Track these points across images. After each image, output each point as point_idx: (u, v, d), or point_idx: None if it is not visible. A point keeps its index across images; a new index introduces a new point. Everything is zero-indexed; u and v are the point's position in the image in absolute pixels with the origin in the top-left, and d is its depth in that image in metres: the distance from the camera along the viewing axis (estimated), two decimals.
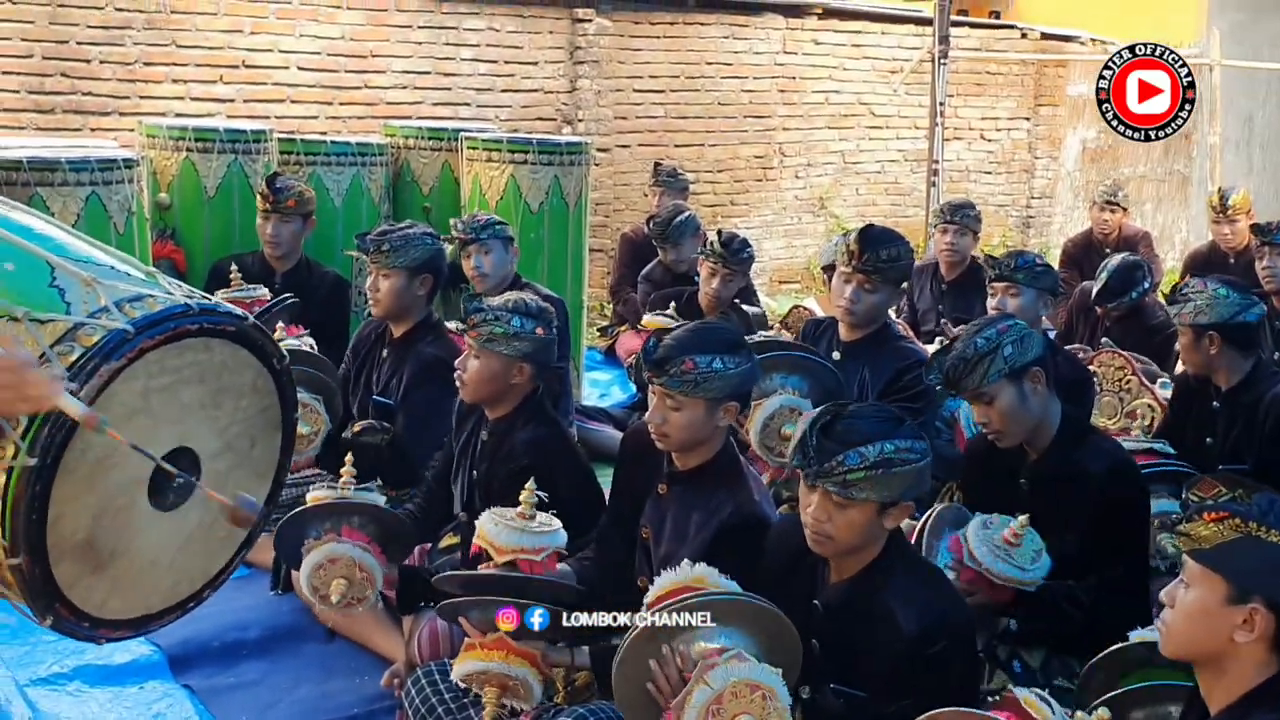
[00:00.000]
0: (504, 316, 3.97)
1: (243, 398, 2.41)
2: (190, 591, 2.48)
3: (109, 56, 7.65)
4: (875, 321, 4.58)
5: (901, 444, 2.89)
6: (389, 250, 4.78)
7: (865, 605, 2.95)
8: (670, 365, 3.33)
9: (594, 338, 8.31)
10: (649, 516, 3.58)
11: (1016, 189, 13.03)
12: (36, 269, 2.25)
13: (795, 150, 11.40)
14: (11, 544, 2.10)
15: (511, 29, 9.38)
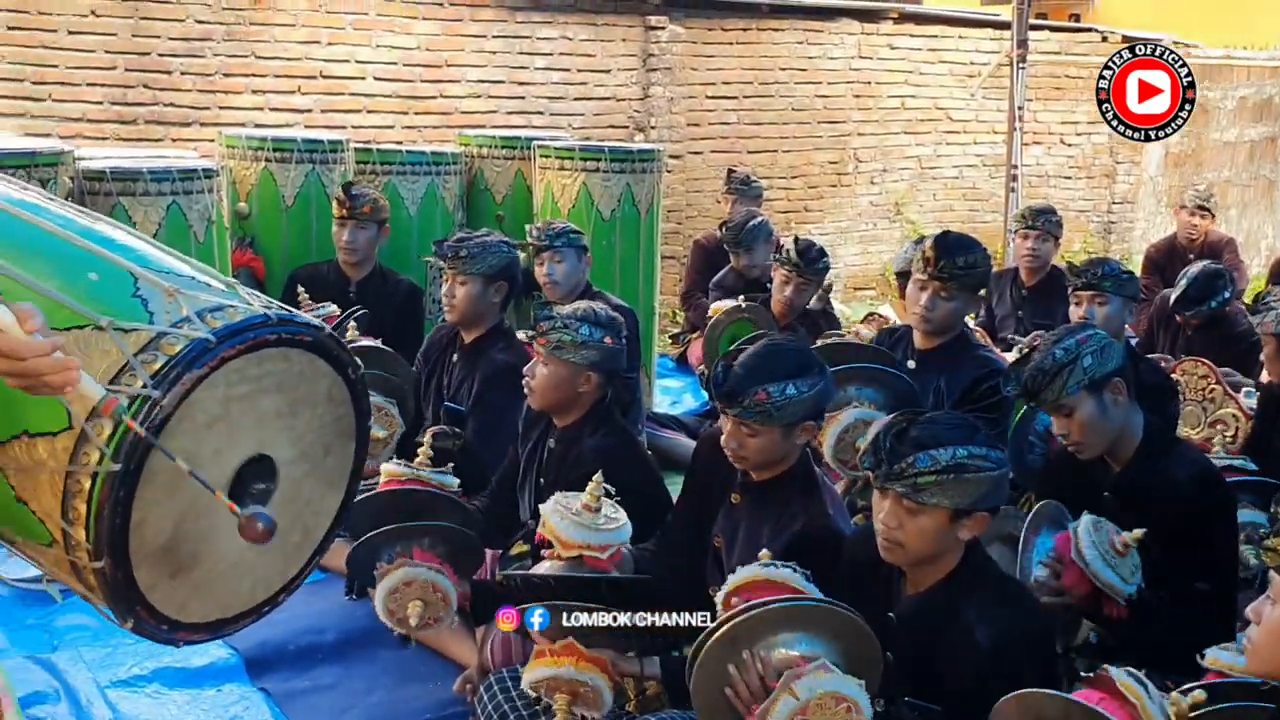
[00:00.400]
0: (572, 324, 4.01)
1: (318, 406, 2.43)
2: (266, 596, 2.50)
3: (190, 68, 7.76)
4: (951, 330, 4.51)
5: (975, 450, 2.85)
6: (466, 256, 4.82)
7: (941, 619, 2.91)
8: (742, 397, 3.30)
9: (665, 345, 8.31)
10: (721, 526, 3.56)
11: (1098, 194, 12.86)
12: (120, 279, 2.28)
13: (870, 156, 11.34)
14: (95, 547, 2.12)
15: (585, 37, 9.42)
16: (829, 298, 7.39)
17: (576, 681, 3.16)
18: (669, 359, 8.12)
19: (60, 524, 2.13)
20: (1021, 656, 2.83)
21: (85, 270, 2.28)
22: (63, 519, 2.13)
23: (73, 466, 2.10)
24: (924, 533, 2.88)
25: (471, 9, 8.81)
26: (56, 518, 2.13)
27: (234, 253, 6.00)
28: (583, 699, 3.18)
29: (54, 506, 2.13)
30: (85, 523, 2.10)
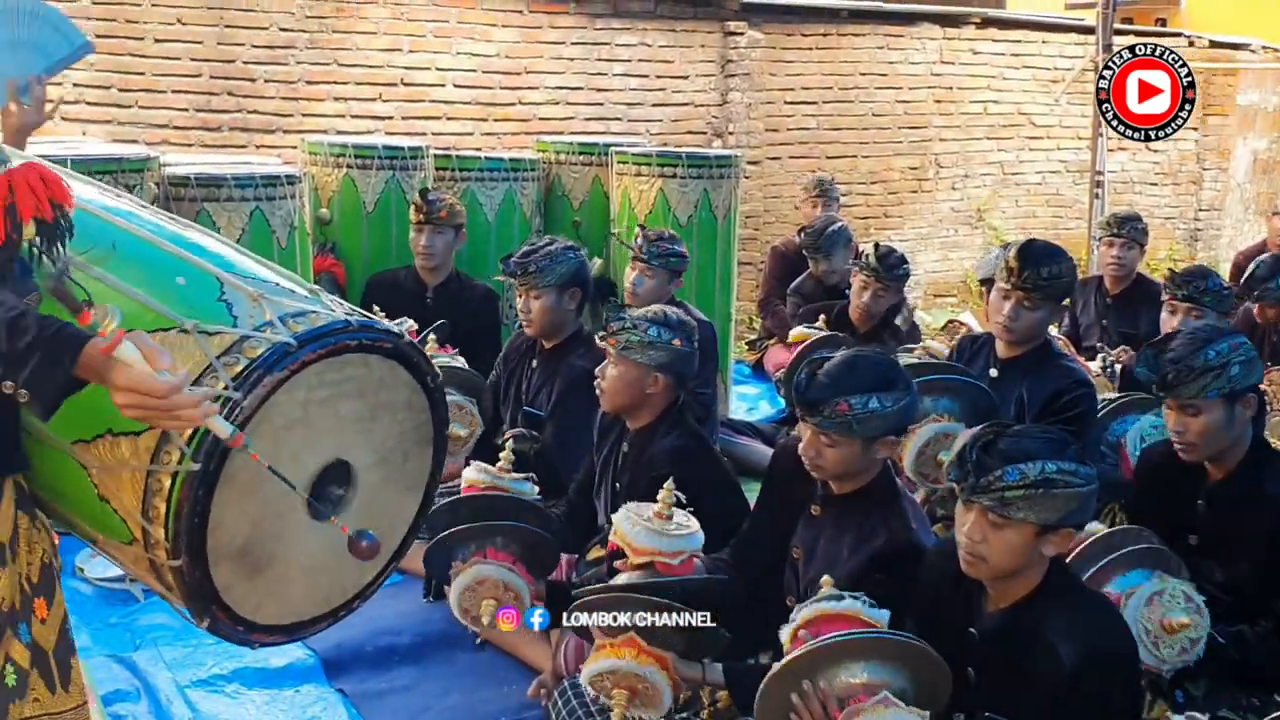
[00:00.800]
0: (642, 325, 4.04)
1: (397, 413, 2.46)
2: (342, 600, 2.54)
3: (273, 75, 7.86)
4: (1035, 339, 4.44)
5: (1065, 465, 2.79)
6: (536, 271, 4.82)
7: (1024, 635, 2.85)
8: (824, 406, 3.27)
9: (742, 351, 8.29)
10: (800, 537, 3.54)
11: (1184, 201, 12.67)
12: (206, 284, 2.33)
13: (952, 161, 11.25)
14: (173, 546, 2.17)
15: (663, 43, 9.42)
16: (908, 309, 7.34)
17: (636, 676, 3.13)
18: (745, 365, 8.10)
19: (140, 522, 2.19)
20: (1106, 676, 2.78)
21: (173, 275, 2.34)
22: (143, 517, 2.18)
23: (154, 465, 2.15)
24: (1009, 547, 2.82)
25: (550, 16, 8.85)
26: (137, 516, 2.19)
27: (315, 258, 6.06)
28: (641, 696, 3.15)
29: (134, 505, 2.19)
30: (164, 521, 2.16)
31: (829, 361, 3.37)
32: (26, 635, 2.29)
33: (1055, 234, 11.47)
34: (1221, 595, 3.50)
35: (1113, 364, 5.87)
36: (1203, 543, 3.62)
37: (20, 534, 2.28)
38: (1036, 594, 2.88)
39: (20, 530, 2.28)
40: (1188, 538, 3.64)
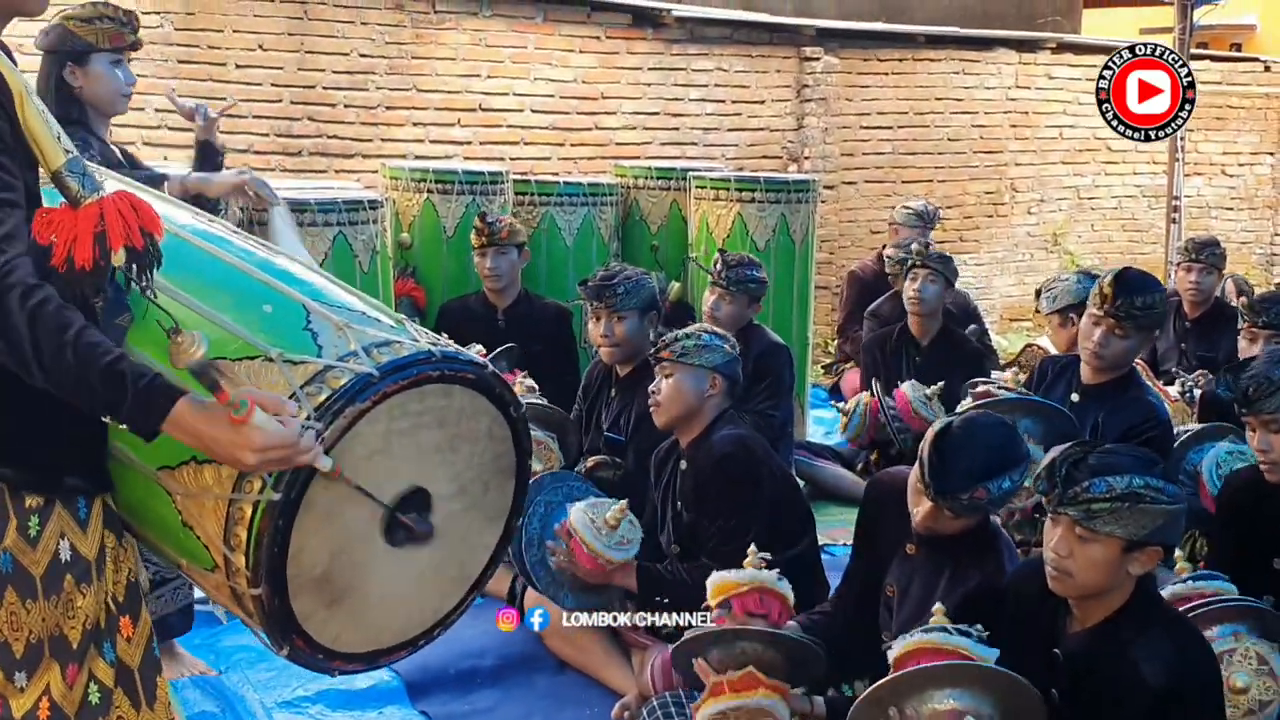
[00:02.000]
0: (694, 334, 4.17)
1: (479, 443, 2.46)
2: (421, 629, 2.52)
3: (353, 101, 7.96)
4: (1121, 368, 4.41)
5: (1153, 482, 2.78)
6: (623, 294, 4.85)
7: (1109, 656, 2.84)
8: (961, 493, 3.23)
9: (819, 375, 8.26)
10: (895, 575, 3.53)
11: (1260, 226, 12.50)
12: (293, 312, 2.34)
13: (1027, 186, 11.18)
14: (254, 575, 2.17)
15: (739, 69, 9.45)
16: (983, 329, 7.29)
17: (760, 711, 3.15)
18: (822, 389, 8.08)
19: (222, 550, 2.20)
20: (1192, 700, 2.77)
21: (261, 303, 2.35)
22: (224, 545, 2.19)
23: (235, 494, 2.16)
24: (1094, 563, 2.80)
25: (627, 41, 8.91)
26: (219, 543, 2.20)
27: (396, 282, 6.11)
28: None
29: (217, 532, 2.20)
30: (245, 549, 2.16)
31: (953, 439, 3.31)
32: (111, 653, 2.30)
33: (1131, 259, 11.35)
34: None
35: (1191, 389, 5.81)
36: None
37: (107, 552, 2.29)
38: (1122, 614, 2.87)
39: (107, 549, 2.29)
40: (1273, 562, 3.61)
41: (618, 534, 3.89)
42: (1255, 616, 3.37)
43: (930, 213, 8.21)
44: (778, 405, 5.49)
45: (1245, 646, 3.25)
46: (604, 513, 3.93)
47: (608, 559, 3.87)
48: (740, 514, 3.99)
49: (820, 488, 5.96)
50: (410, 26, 8.08)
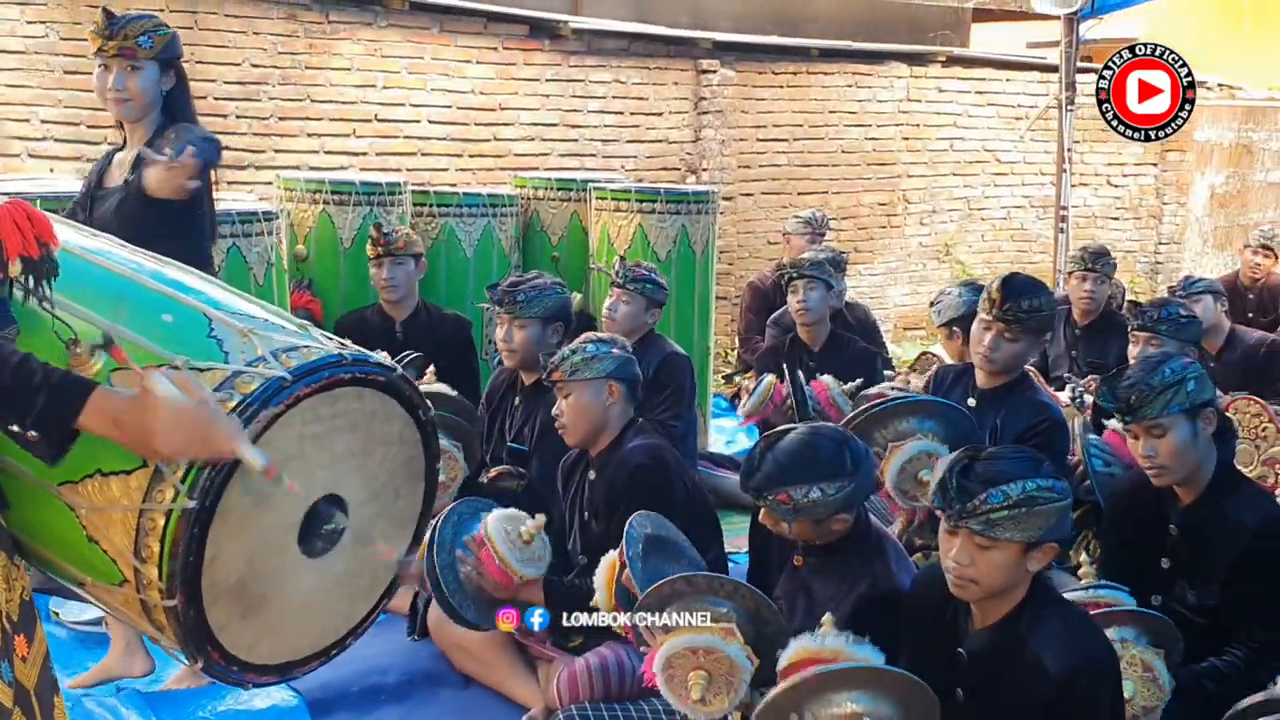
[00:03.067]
0: (578, 349, 4.17)
1: (390, 447, 2.44)
2: (335, 638, 2.51)
3: (245, 111, 7.83)
4: (1013, 370, 4.51)
5: (1043, 483, 2.86)
6: (524, 301, 4.84)
7: (1011, 651, 2.91)
8: (767, 493, 3.32)
9: (719, 385, 8.29)
10: (784, 588, 3.56)
11: (1144, 235, 12.80)
12: (194, 320, 2.31)
13: (920, 197, 11.34)
14: (168, 586, 2.14)
15: (637, 81, 9.47)
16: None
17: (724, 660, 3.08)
18: (723, 399, 8.11)
19: (132, 562, 2.15)
20: (1092, 685, 2.84)
21: (159, 312, 2.32)
22: (135, 557, 2.14)
23: (147, 504, 2.12)
24: (996, 567, 2.88)
25: (525, 53, 8.88)
26: (129, 556, 2.15)
27: (292, 295, 6.02)
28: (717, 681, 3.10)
29: (126, 545, 2.15)
30: (158, 561, 2.12)
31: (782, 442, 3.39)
32: (9, 674, 2.24)
33: (1021, 268, 11.53)
34: (1195, 618, 3.56)
35: (1082, 394, 5.92)
36: (1175, 567, 3.68)
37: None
38: (1021, 609, 2.94)
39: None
40: (1161, 562, 3.70)
41: (531, 549, 3.85)
42: (1146, 623, 3.43)
43: (819, 220, 8.34)
44: (678, 415, 5.50)
45: (1131, 654, 3.31)
46: (520, 526, 3.88)
47: (518, 572, 3.82)
48: None
49: (722, 497, 5.95)
50: (304, 37, 7.97)
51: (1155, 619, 3.46)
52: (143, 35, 4.10)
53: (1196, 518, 3.63)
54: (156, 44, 4.12)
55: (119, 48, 4.09)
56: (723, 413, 7.87)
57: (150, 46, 4.10)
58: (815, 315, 6.38)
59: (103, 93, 4.19)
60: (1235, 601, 3.52)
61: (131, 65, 4.12)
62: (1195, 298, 6.31)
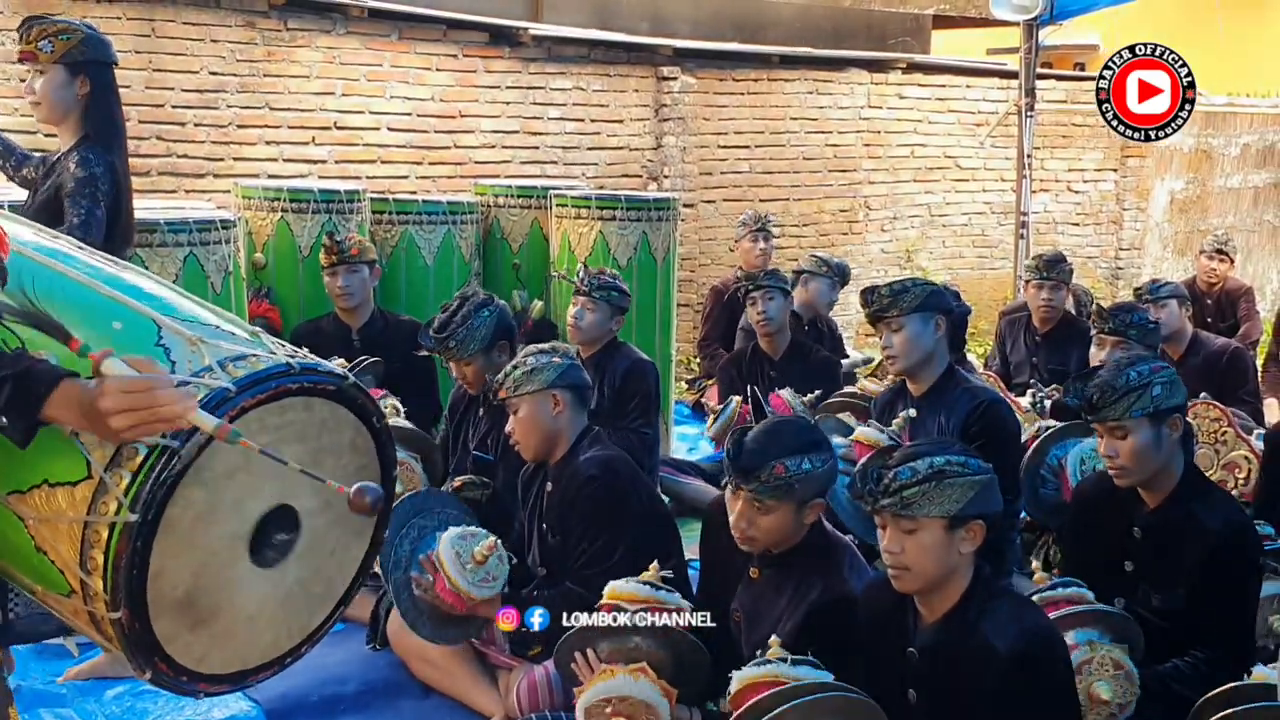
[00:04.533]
0: (519, 364, 4.16)
1: (342, 456, 2.41)
2: (289, 647, 2.47)
3: (203, 119, 7.78)
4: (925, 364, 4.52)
5: (954, 458, 2.92)
6: (457, 345, 4.81)
7: (959, 640, 2.94)
8: (760, 471, 3.32)
9: (682, 392, 8.30)
10: (740, 600, 3.58)
11: (1105, 240, 12.88)
12: (143, 328, 2.28)
13: (881, 204, 11.38)
14: (113, 598, 2.11)
15: (597, 88, 9.47)
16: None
17: (643, 706, 3.16)
18: (685, 405, 8.11)
19: (78, 574, 2.12)
20: (1040, 657, 2.89)
21: (110, 319, 2.28)
22: (81, 569, 2.12)
23: (91, 517, 2.09)
24: (925, 550, 2.91)
25: (485, 60, 8.87)
26: (75, 568, 2.13)
27: (251, 303, 5.98)
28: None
29: (72, 556, 2.12)
30: (103, 573, 2.10)
31: (753, 430, 3.45)
32: None
33: (982, 274, 11.66)
34: (1158, 621, 3.57)
35: (1043, 399, 5.96)
36: (1138, 570, 3.69)
37: None
38: (965, 599, 2.97)
39: None
40: (1124, 564, 3.71)
41: (484, 569, 3.82)
42: (1108, 621, 3.45)
43: (752, 218, 8.45)
44: (650, 422, 5.50)
45: (1101, 654, 3.33)
46: (473, 546, 3.85)
47: (469, 595, 3.80)
48: (606, 537, 3.99)
49: (685, 504, 5.96)
50: (262, 44, 7.93)
51: (1117, 616, 3.48)
52: (44, 40, 4.10)
53: (1160, 521, 3.65)
54: (57, 49, 4.10)
55: (20, 52, 4.13)
56: (685, 419, 7.88)
57: (50, 51, 4.10)
58: (775, 325, 6.51)
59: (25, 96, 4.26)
60: (1198, 605, 3.52)
61: (38, 69, 4.13)
62: (1161, 302, 6.37)
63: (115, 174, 4.21)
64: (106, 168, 4.15)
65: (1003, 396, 4.95)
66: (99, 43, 4.24)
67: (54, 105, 4.17)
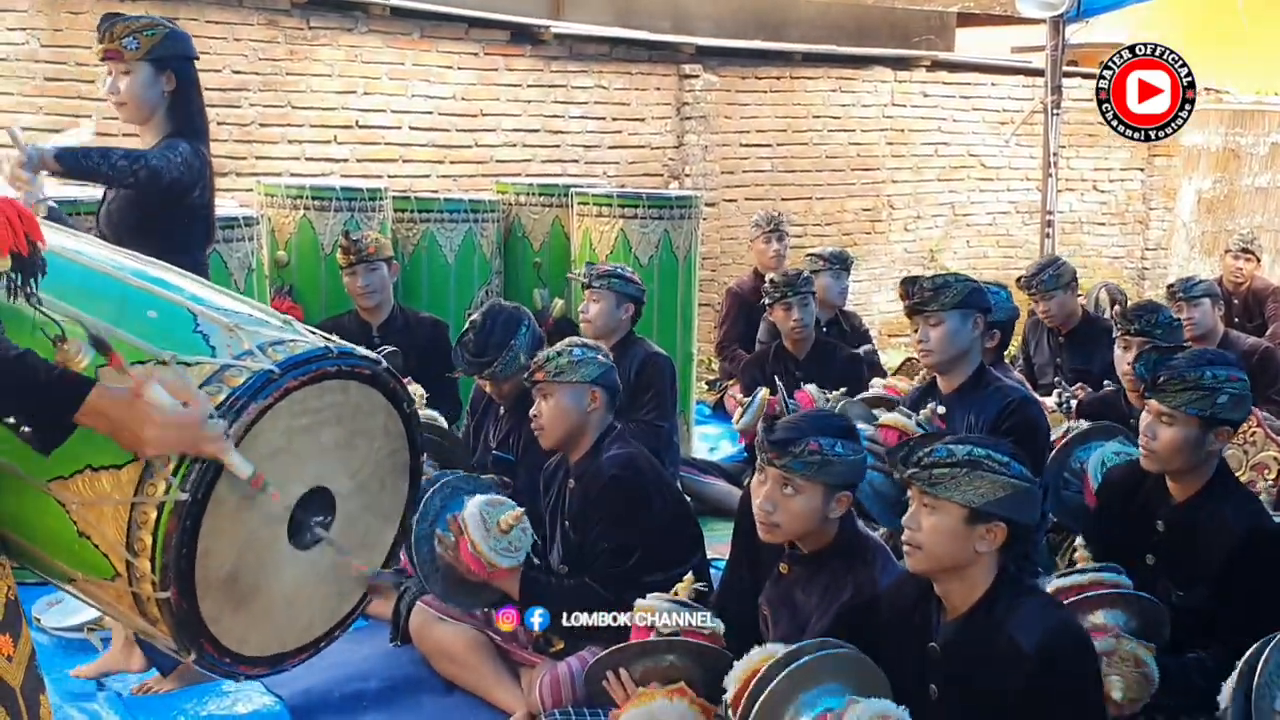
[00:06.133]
0: (564, 351, 4.15)
1: (375, 440, 2.47)
2: (322, 631, 2.53)
3: (226, 118, 7.79)
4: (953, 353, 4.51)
5: (996, 453, 2.90)
6: (502, 368, 4.76)
7: (983, 636, 2.92)
8: (795, 445, 3.29)
9: (702, 392, 8.27)
10: (769, 595, 3.55)
11: (1131, 240, 12.82)
12: (179, 317, 2.33)
13: (904, 203, 11.34)
14: (161, 578, 2.15)
15: (619, 86, 9.46)
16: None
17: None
18: (706, 405, 8.08)
19: (124, 556, 2.16)
20: (1068, 657, 2.87)
21: (144, 309, 2.34)
22: (127, 551, 2.16)
23: (138, 498, 2.14)
24: (941, 534, 2.89)
25: (506, 58, 8.86)
26: (120, 550, 2.16)
27: (273, 301, 6.01)
28: None
29: (118, 539, 2.16)
30: (151, 554, 2.14)
31: (788, 415, 3.47)
32: None
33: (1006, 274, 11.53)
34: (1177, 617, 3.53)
35: (1069, 399, 5.91)
36: (1159, 564, 3.66)
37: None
38: (989, 597, 2.94)
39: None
40: (1145, 558, 3.68)
41: (507, 539, 3.83)
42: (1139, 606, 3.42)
43: (765, 219, 8.35)
44: (664, 415, 5.48)
45: (1126, 649, 3.30)
46: (499, 514, 3.86)
47: (490, 561, 3.81)
48: (628, 535, 3.98)
49: (706, 504, 5.94)
50: (284, 43, 7.94)
51: (1146, 602, 3.44)
52: (129, 37, 4.04)
53: (1185, 517, 3.63)
54: (144, 45, 4.05)
55: (105, 50, 4.08)
56: (706, 419, 7.86)
57: (136, 48, 4.04)
58: (809, 330, 6.52)
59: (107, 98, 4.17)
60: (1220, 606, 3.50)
61: (122, 68, 4.07)
62: (1195, 301, 6.31)
63: (202, 161, 4.16)
64: (194, 150, 4.11)
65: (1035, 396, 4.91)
66: (182, 37, 4.21)
67: (141, 104, 4.11)
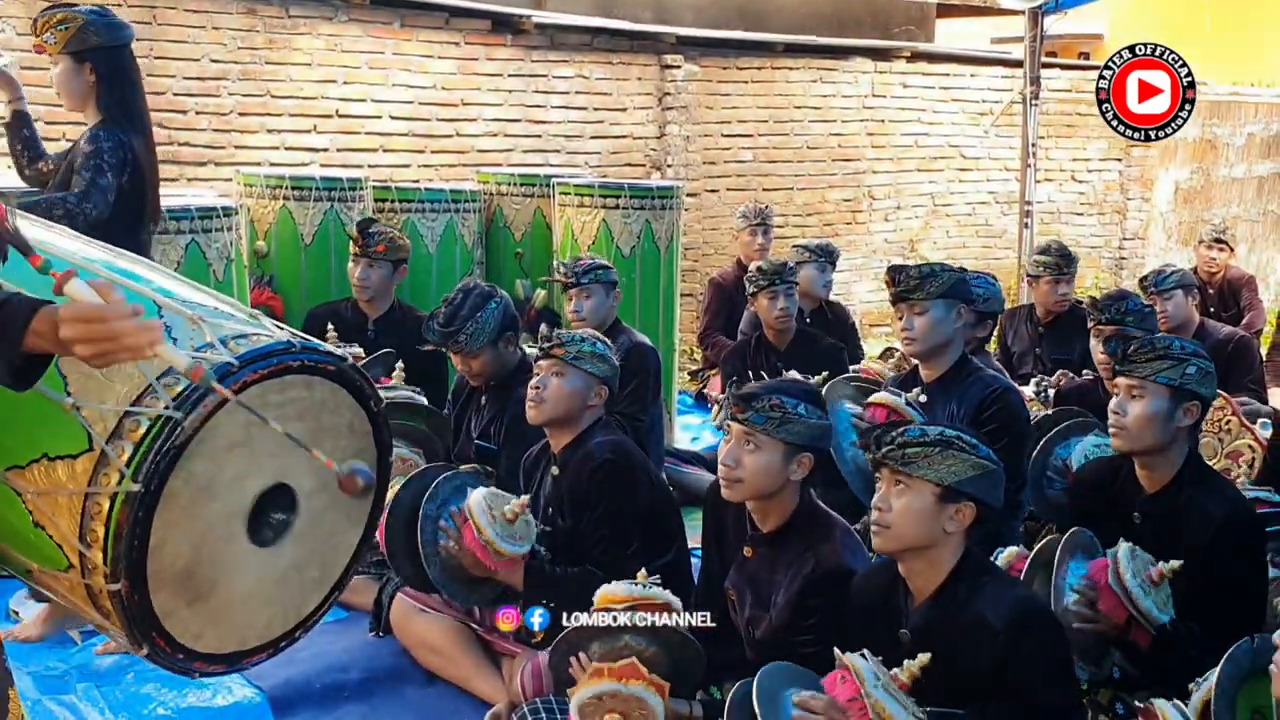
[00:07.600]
0: (589, 339, 4.18)
1: (340, 438, 2.41)
2: (283, 630, 2.47)
3: (205, 107, 7.76)
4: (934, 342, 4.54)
5: (966, 437, 2.99)
6: (467, 339, 4.72)
7: (951, 616, 2.97)
8: (758, 401, 3.36)
9: (684, 382, 8.27)
10: (733, 579, 3.59)
11: (1109, 230, 12.87)
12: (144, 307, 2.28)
13: (884, 193, 11.36)
14: (112, 569, 2.11)
15: (600, 76, 9.45)
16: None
17: (635, 701, 3.18)
18: (688, 395, 8.09)
19: (77, 547, 2.13)
20: (1037, 629, 2.91)
21: None
22: (80, 542, 2.13)
23: (92, 488, 2.11)
24: (910, 512, 2.95)
25: (487, 48, 8.84)
26: (74, 541, 2.13)
27: (253, 291, 5.97)
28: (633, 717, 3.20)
29: (71, 530, 2.13)
30: (103, 545, 2.11)
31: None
32: None
33: (985, 263, 11.61)
34: None
35: (1047, 388, 5.93)
36: None
37: None
38: (955, 576, 3.01)
39: None
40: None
41: (514, 528, 3.85)
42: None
43: (755, 210, 8.33)
44: (644, 409, 5.47)
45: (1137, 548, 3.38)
46: (504, 504, 3.87)
47: (497, 549, 3.80)
48: (622, 522, 4.00)
49: (688, 494, 5.94)
50: (263, 32, 7.90)
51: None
52: (48, 32, 4.18)
53: (1161, 506, 3.63)
54: (59, 39, 4.17)
55: (35, 45, 4.19)
56: (688, 409, 7.86)
57: (54, 43, 4.17)
58: (792, 320, 6.47)
59: None
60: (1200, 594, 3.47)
61: (51, 61, 4.21)
62: (1167, 293, 6.33)
63: (129, 150, 4.21)
64: (116, 143, 4.16)
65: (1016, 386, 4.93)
66: (102, 27, 4.23)
67: (69, 94, 4.25)
